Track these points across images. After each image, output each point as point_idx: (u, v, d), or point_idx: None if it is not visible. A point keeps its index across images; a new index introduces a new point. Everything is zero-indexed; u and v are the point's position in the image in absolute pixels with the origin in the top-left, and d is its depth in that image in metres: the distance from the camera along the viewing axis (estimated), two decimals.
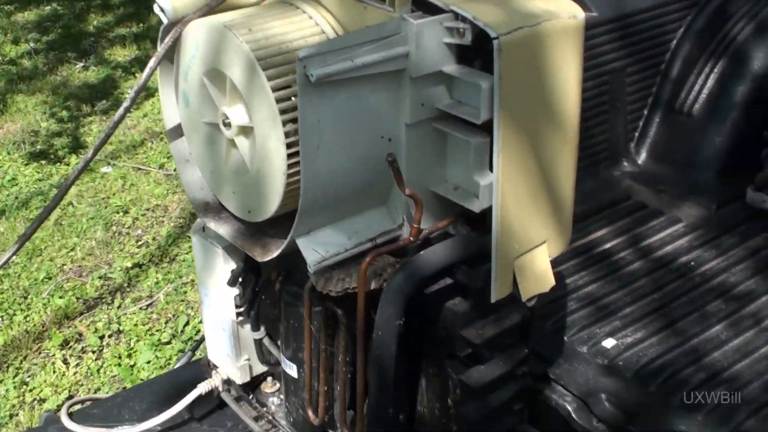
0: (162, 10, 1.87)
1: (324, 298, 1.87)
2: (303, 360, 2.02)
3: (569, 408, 2.25)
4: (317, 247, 1.73)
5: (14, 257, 3.34)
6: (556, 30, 1.69)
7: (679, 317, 2.52)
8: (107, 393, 3.59)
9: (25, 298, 4.16)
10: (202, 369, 2.35)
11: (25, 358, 3.80)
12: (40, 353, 3.84)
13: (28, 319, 4.02)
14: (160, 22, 1.89)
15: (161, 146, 5.50)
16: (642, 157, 3.22)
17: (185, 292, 4.24)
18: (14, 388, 3.62)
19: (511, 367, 1.92)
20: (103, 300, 4.19)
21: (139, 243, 4.62)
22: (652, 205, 3.04)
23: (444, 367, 1.92)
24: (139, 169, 5.27)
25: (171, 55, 1.92)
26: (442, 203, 1.83)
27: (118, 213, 4.85)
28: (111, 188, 5.08)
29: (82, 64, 6.59)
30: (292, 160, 1.69)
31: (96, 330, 3.98)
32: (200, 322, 4.02)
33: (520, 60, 1.64)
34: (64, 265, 4.43)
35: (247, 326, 2.16)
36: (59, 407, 3.21)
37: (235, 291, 2.10)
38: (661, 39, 3.21)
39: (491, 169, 1.71)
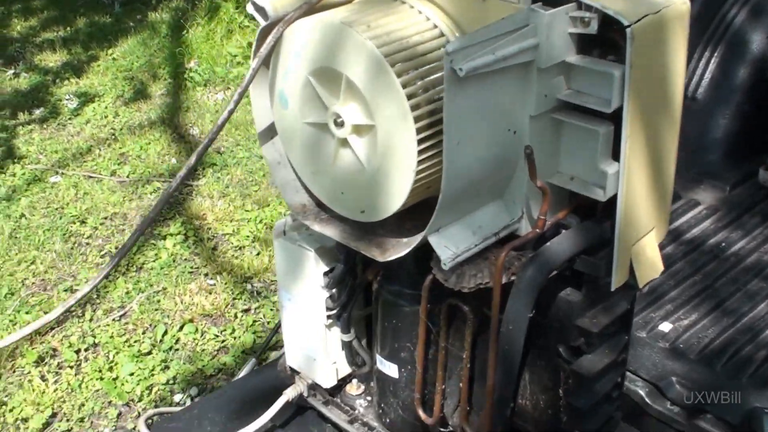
0: (258, 10, 1.80)
1: (445, 295, 1.83)
2: (405, 359, 1.98)
3: (641, 393, 2.28)
4: (448, 244, 1.70)
5: None
6: (673, 16, 1.71)
7: (725, 297, 2.59)
8: (94, 407, 3.48)
9: None
10: (279, 375, 2.28)
11: None
12: (14, 371, 3.68)
13: None
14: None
15: (110, 153, 5.33)
16: None
17: (158, 301, 4.12)
18: None
19: (616, 355, 1.92)
20: (73, 313, 4.04)
21: (102, 253, 4.47)
22: None
23: (553, 358, 1.92)
24: (90, 177, 5.09)
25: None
26: (555, 194, 1.82)
27: (74, 223, 4.68)
28: (64, 198, 4.90)
29: (12, 71, 6.33)
30: (422, 156, 1.66)
31: (70, 344, 3.83)
32: (179, 330, 3.93)
33: (646, 47, 1.65)
34: (25, 279, 4.26)
35: (335, 329, 2.11)
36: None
37: (325, 294, 2.04)
38: None
39: (614, 158, 1.71)
